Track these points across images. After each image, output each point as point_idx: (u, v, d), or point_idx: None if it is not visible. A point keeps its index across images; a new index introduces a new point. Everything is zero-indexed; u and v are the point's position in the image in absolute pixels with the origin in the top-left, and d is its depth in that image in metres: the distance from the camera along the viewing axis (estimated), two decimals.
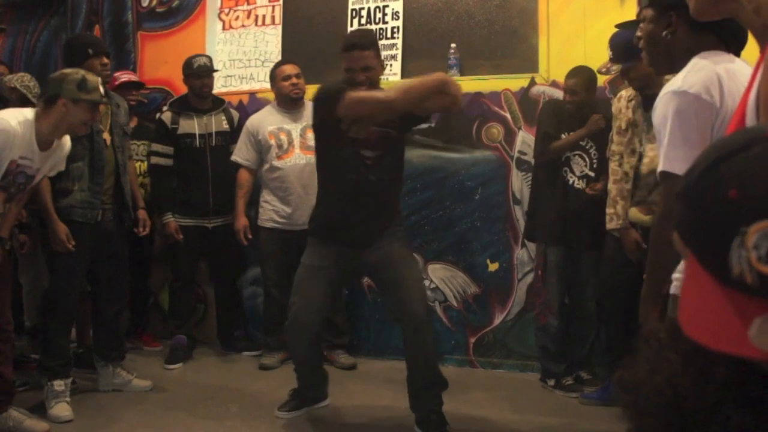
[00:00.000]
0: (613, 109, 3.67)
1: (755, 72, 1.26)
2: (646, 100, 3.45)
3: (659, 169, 1.82)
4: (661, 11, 1.94)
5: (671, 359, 0.70)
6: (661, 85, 3.36)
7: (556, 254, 4.02)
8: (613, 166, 3.62)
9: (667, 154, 1.78)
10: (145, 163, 4.81)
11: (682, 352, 0.70)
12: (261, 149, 4.56)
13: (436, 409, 3.37)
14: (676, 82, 1.81)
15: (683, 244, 0.71)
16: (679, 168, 1.74)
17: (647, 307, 1.98)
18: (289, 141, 4.52)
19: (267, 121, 4.57)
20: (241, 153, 4.63)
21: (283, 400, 3.77)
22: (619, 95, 3.68)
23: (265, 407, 3.82)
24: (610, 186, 3.62)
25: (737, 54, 1.92)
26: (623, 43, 3.34)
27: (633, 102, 3.55)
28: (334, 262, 3.35)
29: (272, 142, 4.51)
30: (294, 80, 4.52)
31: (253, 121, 4.63)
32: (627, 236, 3.49)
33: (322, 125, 3.20)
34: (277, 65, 4.63)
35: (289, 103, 4.56)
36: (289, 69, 4.55)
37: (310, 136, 4.46)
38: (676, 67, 1.90)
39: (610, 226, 3.57)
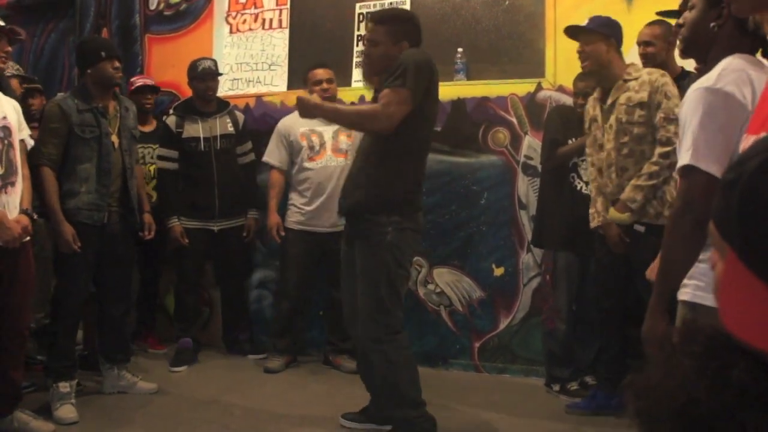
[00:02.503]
0: (585, 112, 3.77)
1: None
2: (604, 93, 3.57)
3: (683, 162, 1.78)
4: (714, 2, 1.90)
5: (685, 364, 0.69)
6: (616, 79, 3.47)
7: (565, 259, 4.01)
8: (589, 166, 3.70)
9: (693, 148, 1.75)
10: None
11: (697, 356, 0.69)
12: (292, 151, 4.56)
13: None
14: (710, 79, 1.78)
15: (721, 239, 0.70)
16: (706, 164, 1.72)
17: (655, 320, 1.86)
18: (321, 143, 4.52)
19: (299, 122, 4.55)
20: (272, 154, 4.64)
21: (287, 404, 3.77)
22: (591, 97, 3.74)
23: (269, 411, 3.81)
24: (590, 186, 3.70)
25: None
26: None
27: (595, 98, 3.65)
28: (351, 250, 3.32)
29: (304, 143, 4.52)
30: (325, 85, 4.51)
31: (285, 122, 4.64)
32: (609, 231, 3.52)
33: None
34: (310, 68, 4.62)
35: None
36: (321, 74, 4.55)
37: (343, 139, 4.47)
38: (708, 61, 1.88)
39: (592, 224, 3.63)
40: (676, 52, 3.52)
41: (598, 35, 3.49)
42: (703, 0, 1.93)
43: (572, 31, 3.61)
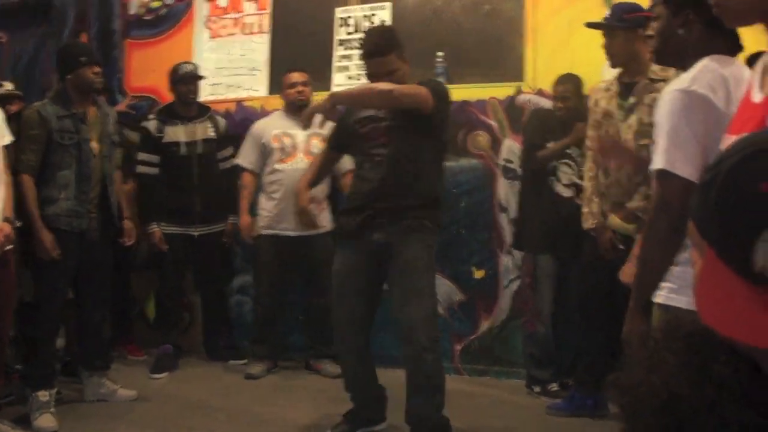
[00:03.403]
0: (590, 102, 3.65)
1: None
2: (624, 88, 3.44)
3: (656, 166, 1.78)
4: (676, 8, 1.91)
5: (668, 360, 0.71)
6: (639, 74, 3.39)
7: (545, 262, 4.04)
8: (587, 162, 3.61)
9: (668, 152, 1.75)
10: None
11: (679, 352, 0.71)
12: (264, 152, 4.57)
13: None
14: (684, 81, 1.78)
15: (701, 237, 0.72)
16: (681, 168, 1.72)
17: (635, 322, 1.87)
18: (293, 145, 4.53)
19: (273, 125, 4.59)
20: (245, 157, 4.65)
21: (270, 409, 3.75)
22: (598, 87, 3.66)
23: (251, 417, 3.80)
24: (585, 183, 3.61)
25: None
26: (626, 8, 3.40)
27: (609, 91, 3.50)
28: (363, 264, 3.23)
29: (275, 145, 4.53)
30: (300, 88, 4.54)
31: (259, 125, 4.67)
32: (602, 235, 3.49)
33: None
34: (286, 72, 4.64)
35: (296, 110, 4.56)
36: (296, 77, 4.57)
37: (315, 143, 4.47)
38: (685, 65, 1.88)
39: (585, 225, 3.57)
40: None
41: (620, 29, 3.38)
42: (667, 9, 1.95)
43: (594, 25, 3.52)
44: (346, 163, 4.40)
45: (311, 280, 4.63)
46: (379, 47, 3.17)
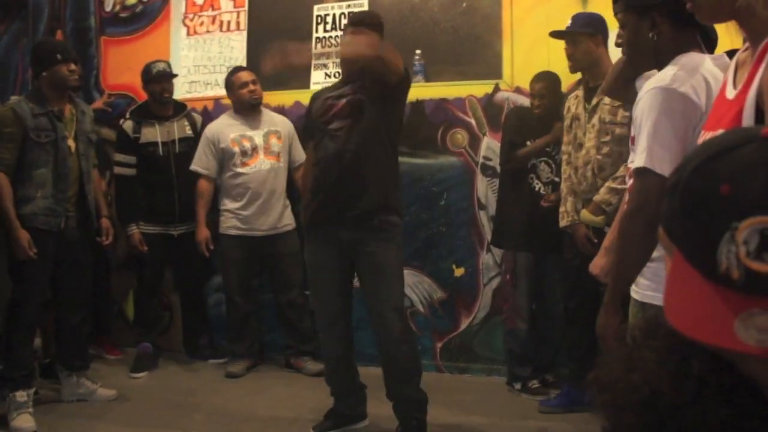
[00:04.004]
0: (564, 109, 3.74)
1: (754, 69, 1.27)
2: (589, 92, 3.54)
3: (638, 164, 1.78)
4: (641, 13, 1.92)
5: (647, 357, 0.72)
6: (601, 77, 3.39)
7: (524, 259, 4.06)
8: (563, 165, 3.70)
9: (651, 151, 1.74)
10: None
11: (658, 350, 0.72)
12: (222, 157, 4.54)
13: (417, 416, 3.35)
14: (664, 79, 1.78)
15: (669, 240, 0.73)
16: (660, 167, 1.72)
17: (609, 316, 1.88)
18: (253, 147, 4.52)
19: (228, 129, 4.56)
20: (201, 162, 4.59)
21: (250, 408, 3.74)
22: (571, 95, 3.74)
23: (231, 415, 3.80)
24: (562, 185, 3.70)
25: (711, 51, 1.94)
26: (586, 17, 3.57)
27: (578, 97, 3.62)
28: (336, 260, 3.29)
29: (236, 149, 4.50)
30: (251, 86, 4.53)
31: (213, 129, 4.61)
32: (577, 232, 3.55)
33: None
34: (233, 73, 4.63)
35: (249, 110, 4.56)
36: (245, 76, 4.56)
37: (274, 141, 4.49)
38: (660, 65, 1.89)
39: (561, 224, 3.65)
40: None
41: (584, 35, 3.50)
42: (632, 16, 1.96)
43: (557, 34, 3.64)
44: (300, 156, 4.42)
45: (276, 278, 4.63)
46: (371, 18, 3.35)
